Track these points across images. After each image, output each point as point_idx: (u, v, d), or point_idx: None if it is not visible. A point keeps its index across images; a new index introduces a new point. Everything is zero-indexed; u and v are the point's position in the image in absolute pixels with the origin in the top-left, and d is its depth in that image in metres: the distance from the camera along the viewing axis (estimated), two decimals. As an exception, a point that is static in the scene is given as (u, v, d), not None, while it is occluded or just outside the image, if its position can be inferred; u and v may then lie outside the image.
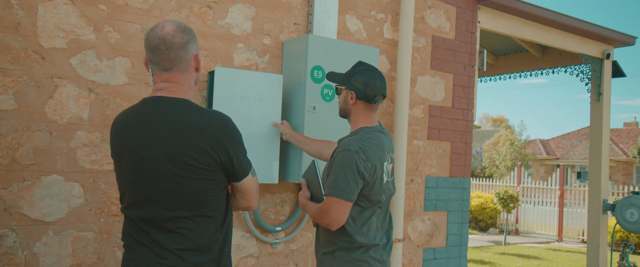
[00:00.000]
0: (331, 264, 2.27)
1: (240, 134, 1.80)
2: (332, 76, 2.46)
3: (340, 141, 2.57)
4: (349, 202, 2.17)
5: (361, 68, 2.34)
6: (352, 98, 2.33)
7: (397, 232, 3.69)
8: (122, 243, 1.81)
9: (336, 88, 2.45)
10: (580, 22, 5.06)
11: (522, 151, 23.60)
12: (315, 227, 2.44)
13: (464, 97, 4.27)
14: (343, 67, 3.02)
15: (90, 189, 2.69)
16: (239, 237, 3.17)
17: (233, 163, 1.76)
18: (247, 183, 1.83)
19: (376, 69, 2.37)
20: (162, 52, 1.73)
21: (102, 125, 2.72)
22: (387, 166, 2.33)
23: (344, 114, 2.42)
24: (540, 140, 32.36)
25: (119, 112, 2.75)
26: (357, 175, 2.15)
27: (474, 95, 4.33)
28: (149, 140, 1.70)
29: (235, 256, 3.15)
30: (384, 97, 2.38)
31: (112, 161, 2.72)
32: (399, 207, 3.70)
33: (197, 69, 1.84)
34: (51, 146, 2.60)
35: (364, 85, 2.30)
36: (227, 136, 1.73)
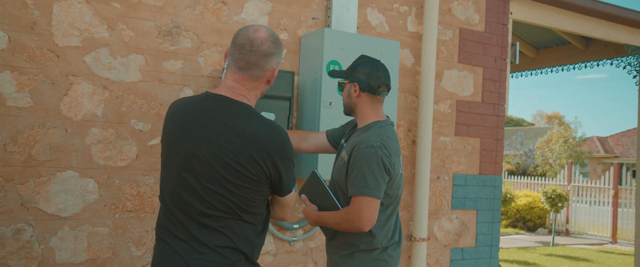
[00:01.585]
0: (350, 265, 2.22)
1: (293, 149, 1.81)
2: (334, 73, 2.41)
3: (328, 131, 2.58)
4: (378, 200, 2.12)
5: (363, 60, 2.29)
6: (355, 91, 2.27)
7: (421, 231, 3.58)
8: (155, 234, 1.81)
9: (340, 84, 2.40)
10: (625, 10, 4.76)
11: (577, 149, 22.62)
12: (330, 237, 2.34)
13: (495, 92, 4.09)
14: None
15: (104, 185, 2.73)
16: (255, 235, 3.16)
17: (281, 179, 1.77)
18: (288, 198, 1.85)
19: (379, 61, 2.31)
20: (244, 52, 1.75)
21: (116, 122, 2.76)
22: (400, 159, 2.28)
23: (349, 109, 2.35)
24: (597, 137, 30.95)
25: (133, 109, 2.80)
26: (383, 171, 2.11)
27: (506, 90, 4.14)
28: (205, 139, 1.70)
29: (251, 253, 3.13)
30: (389, 89, 2.31)
31: (126, 157, 2.78)
32: (423, 205, 3.58)
33: (268, 82, 1.84)
34: (66, 142, 2.65)
35: (366, 76, 2.24)
36: (281, 152, 1.74)
